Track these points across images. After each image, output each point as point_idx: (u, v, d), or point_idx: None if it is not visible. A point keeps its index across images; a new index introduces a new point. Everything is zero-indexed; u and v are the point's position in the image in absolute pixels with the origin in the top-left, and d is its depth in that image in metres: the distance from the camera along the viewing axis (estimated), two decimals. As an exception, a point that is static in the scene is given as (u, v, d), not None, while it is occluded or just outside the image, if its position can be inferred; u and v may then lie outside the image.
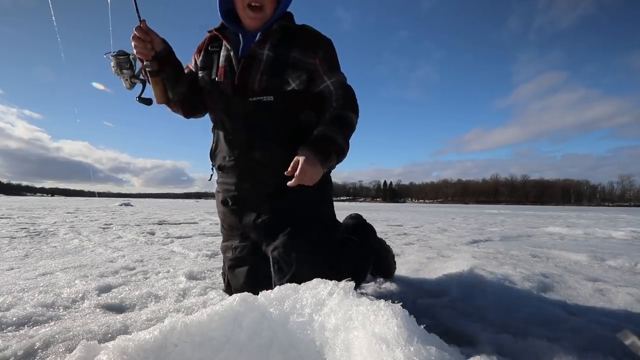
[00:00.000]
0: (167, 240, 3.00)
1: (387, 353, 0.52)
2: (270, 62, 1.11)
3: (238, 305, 0.69)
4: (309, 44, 1.13)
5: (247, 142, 1.13)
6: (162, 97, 1.18)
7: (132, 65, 1.11)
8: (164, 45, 1.13)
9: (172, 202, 34.58)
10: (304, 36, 1.14)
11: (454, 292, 1.33)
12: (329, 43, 1.18)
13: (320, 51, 1.13)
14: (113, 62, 1.10)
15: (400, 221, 6.43)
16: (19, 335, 0.86)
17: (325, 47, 1.15)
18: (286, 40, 1.13)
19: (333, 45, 1.19)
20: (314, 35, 1.16)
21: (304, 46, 1.12)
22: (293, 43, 1.12)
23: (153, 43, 1.09)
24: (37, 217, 5.49)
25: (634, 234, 4.22)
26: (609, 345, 0.86)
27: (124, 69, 1.10)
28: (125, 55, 1.10)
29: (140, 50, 1.07)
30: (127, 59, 1.10)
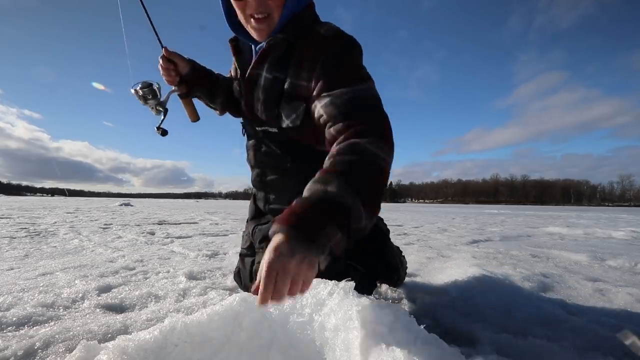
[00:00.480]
0: (167, 240, 3.00)
1: (387, 353, 0.52)
2: (268, 89, 0.94)
3: (238, 305, 0.69)
4: (305, 59, 0.85)
5: (260, 166, 1.12)
6: (193, 116, 1.19)
7: (156, 95, 1.13)
8: (189, 67, 1.13)
9: (172, 202, 34.60)
10: (303, 47, 0.87)
11: (454, 292, 1.33)
12: (339, 48, 0.85)
13: (319, 66, 0.83)
14: (136, 95, 1.12)
15: (400, 221, 6.43)
16: (19, 335, 0.86)
17: (331, 55, 0.83)
18: (286, 56, 0.90)
19: (348, 49, 0.85)
20: (316, 44, 0.85)
21: (299, 63, 0.87)
22: (290, 60, 0.89)
23: (178, 67, 1.11)
24: (37, 217, 5.48)
25: (634, 234, 4.22)
26: (609, 345, 0.86)
27: (148, 100, 1.12)
28: (148, 86, 1.11)
29: (166, 77, 1.10)
30: (150, 90, 1.11)
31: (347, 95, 0.78)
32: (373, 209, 0.66)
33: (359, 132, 0.73)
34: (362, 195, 0.62)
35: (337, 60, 0.83)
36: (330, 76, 0.81)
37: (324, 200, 0.60)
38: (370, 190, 0.65)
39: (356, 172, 0.66)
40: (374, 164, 0.69)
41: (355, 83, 0.79)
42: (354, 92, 0.78)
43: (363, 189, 0.64)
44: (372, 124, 0.74)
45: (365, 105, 0.78)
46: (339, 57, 0.83)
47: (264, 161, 1.09)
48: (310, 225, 0.56)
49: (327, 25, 0.89)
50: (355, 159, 0.68)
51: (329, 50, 0.84)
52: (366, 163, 0.68)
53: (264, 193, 1.13)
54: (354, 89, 0.78)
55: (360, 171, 0.66)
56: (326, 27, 0.89)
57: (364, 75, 0.83)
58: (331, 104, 0.79)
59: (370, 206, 0.64)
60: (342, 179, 0.63)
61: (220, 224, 4.91)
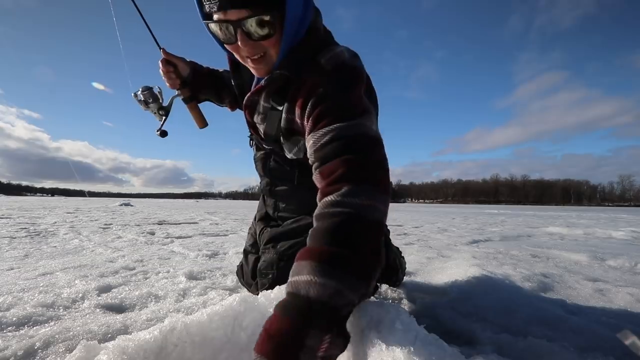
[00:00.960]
0: (167, 240, 3.00)
1: (387, 353, 0.52)
2: (267, 116, 0.90)
3: (238, 305, 0.69)
4: (300, 94, 0.78)
5: (269, 176, 1.11)
6: (201, 123, 1.18)
7: (157, 98, 1.12)
8: (189, 69, 1.11)
9: (172, 202, 34.60)
10: (300, 82, 0.79)
11: (454, 292, 1.33)
12: (335, 83, 0.75)
13: (310, 103, 0.75)
14: (137, 100, 1.11)
15: (400, 221, 6.43)
16: (19, 335, 0.86)
17: (323, 91, 0.74)
18: (285, 88, 0.84)
19: (345, 83, 0.76)
20: (312, 78, 0.77)
21: (293, 99, 0.81)
22: (287, 94, 0.83)
23: (178, 70, 1.09)
24: (37, 217, 5.48)
25: (634, 234, 4.22)
26: (609, 345, 0.86)
27: (149, 104, 1.11)
28: (148, 89, 1.11)
29: (167, 81, 1.08)
30: (150, 93, 1.11)
31: (330, 135, 0.70)
32: (366, 281, 0.59)
33: (339, 180, 0.66)
34: (347, 280, 0.55)
35: (328, 96, 0.74)
36: (317, 114, 0.74)
37: (303, 311, 0.53)
38: (358, 263, 0.58)
39: (338, 246, 0.58)
40: (359, 221, 0.61)
41: (344, 120, 0.71)
42: (339, 131, 0.70)
43: (350, 269, 0.56)
44: (356, 169, 0.66)
45: (350, 145, 0.68)
46: (331, 93, 0.75)
47: (273, 173, 1.08)
48: (289, 350, 0.50)
49: (331, 54, 0.80)
50: (336, 223, 0.61)
51: (323, 85, 0.75)
52: (348, 227, 0.60)
53: (274, 200, 1.13)
54: (340, 127, 0.70)
55: (343, 242, 0.58)
56: (329, 56, 0.79)
57: (357, 110, 0.73)
58: (314, 145, 0.73)
59: (362, 279, 0.58)
60: (323, 268, 0.55)
61: (220, 224, 4.91)
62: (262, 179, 1.16)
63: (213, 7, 0.71)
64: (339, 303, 0.54)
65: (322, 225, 0.63)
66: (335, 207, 0.63)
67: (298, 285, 0.56)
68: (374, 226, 0.62)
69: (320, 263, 0.56)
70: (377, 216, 0.63)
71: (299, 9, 0.76)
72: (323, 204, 0.65)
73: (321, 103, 0.74)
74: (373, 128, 0.74)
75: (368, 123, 0.73)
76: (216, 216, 7.05)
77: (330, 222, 0.62)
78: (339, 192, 0.64)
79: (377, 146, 0.72)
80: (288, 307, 0.54)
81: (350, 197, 0.63)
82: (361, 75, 0.80)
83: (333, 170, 0.68)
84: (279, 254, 0.99)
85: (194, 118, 1.17)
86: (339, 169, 0.67)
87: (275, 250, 1.01)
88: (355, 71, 0.79)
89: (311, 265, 0.56)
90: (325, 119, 0.72)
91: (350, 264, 0.57)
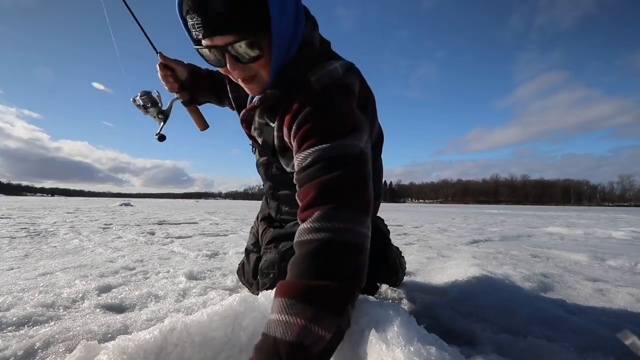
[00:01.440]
0: (167, 240, 3.00)
1: (387, 353, 0.52)
2: (262, 131, 0.91)
3: (238, 305, 0.69)
4: (288, 113, 0.77)
5: (271, 180, 1.11)
6: (201, 125, 1.17)
7: (156, 102, 1.12)
8: (187, 71, 1.11)
9: (172, 202, 34.61)
10: (289, 101, 0.77)
11: (454, 292, 1.33)
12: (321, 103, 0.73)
13: (296, 123, 0.74)
14: (135, 105, 1.11)
15: (400, 221, 6.43)
16: (19, 335, 0.86)
17: (309, 111, 0.72)
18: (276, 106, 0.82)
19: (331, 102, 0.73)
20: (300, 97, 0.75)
21: (282, 118, 0.79)
22: (278, 112, 0.81)
23: (176, 73, 1.09)
24: (37, 217, 5.48)
25: (634, 233, 4.22)
26: (609, 345, 0.86)
27: (148, 108, 1.11)
28: (146, 94, 1.10)
29: (165, 85, 1.08)
30: (149, 97, 1.10)
31: (311, 158, 0.69)
32: (338, 313, 0.56)
33: (311, 204, 0.66)
34: (317, 315, 0.54)
35: (313, 117, 0.72)
36: (301, 136, 0.72)
37: (271, 353, 0.53)
38: (329, 295, 0.57)
39: (310, 277, 0.58)
40: (331, 247, 0.60)
41: (326, 141, 0.69)
42: (320, 153, 0.68)
43: (320, 303, 0.55)
44: (327, 192, 0.65)
45: (326, 168, 0.67)
46: (316, 113, 0.72)
47: (275, 179, 1.08)
48: None
49: (323, 71, 0.77)
50: (308, 252, 0.61)
51: (309, 104, 0.73)
52: (319, 255, 0.60)
53: (277, 203, 1.14)
54: (321, 149, 0.68)
55: (315, 273, 0.58)
56: (320, 74, 0.76)
57: (342, 130, 0.70)
58: (297, 167, 0.72)
59: (334, 312, 0.56)
60: (291, 304, 0.55)
61: (220, 224, 4.91)
62: (264, 183, 1.16)
63: (199, 35, 0.70)
64: (307, 341, 0.52)
65: (297, 255, 0.64)
66: (307, 235, 0.63)
67: (269, 324, 0.56)
68: (347, 250, 0.61)
69: (289, 299, 0.56)
70: (351, 238, 0.62)
71: (288, 27, 0.74)
72: (298, 232, 0.66)
73: (305, 124, 0.72)
74: (358, 145, 0.71)
75: (354, 142, 0.70)
76: (216, 216, 7.05)
77: (303, 251, 0.62)
78: (311, 217, 0.64)
79: (355, 165, 0.68)
80: (261, 348, 0.55)
81: (322, 222, 0.62)
82: (351, 90, 0.77)
83: (306, 194, 0.68)
84: (280, 254, 1.00)
85: (194, 120, 1.17)
86: (310, 192, 0.67)
87: (277, 250, 1.01)
88: (345, 88, 0.76)
89: (281, 303, 0.56)
90: (308, 141, 0.71)
91: (321, 297, 0.56)
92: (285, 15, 0.71)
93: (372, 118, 0.88)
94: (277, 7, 0.68)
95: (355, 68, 0.84)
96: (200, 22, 0.67)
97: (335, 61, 0.80)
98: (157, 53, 1.08)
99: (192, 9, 0.66)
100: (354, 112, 0.75)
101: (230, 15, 0.66)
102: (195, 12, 0.66)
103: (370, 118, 0.86)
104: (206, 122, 1.18)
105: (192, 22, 0.68)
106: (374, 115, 0.91)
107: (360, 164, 0.70)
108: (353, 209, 0.65)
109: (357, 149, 0.71)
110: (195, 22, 0.67)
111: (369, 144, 0.78)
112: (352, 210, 0.65)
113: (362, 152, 0.72)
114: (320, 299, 0.56)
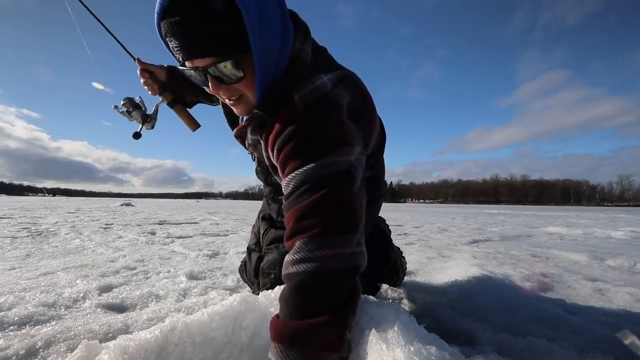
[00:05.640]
0: (168, 240, 3.00)
1: (387, 353, 0.52)
2: (255, 147, 0.90)
3: (239, 305, 0.69)
4: (269, 135, 0.74)
5: (271, 185, 1.11)
6: (192, 125, 1.16)
7: (138, 107, 1.12)
8: (165, 71, 1.10)
9: (172, 202, 34.61)
10: (272, 122, 0.74)
11: (454, 292, 1.34)
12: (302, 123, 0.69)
13: (276, 147, 0.72)
14: (118, 112, 1.12)
15: (400, 221, 6.43)
16: (21, 334, 0.86)
17: (289, 133, 0.69)
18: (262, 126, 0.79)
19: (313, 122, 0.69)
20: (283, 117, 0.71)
21: (266, 139, 0.76)
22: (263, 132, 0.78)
23: (155, 75, 1.09)
24: (38, 217, 5.49)
25: (633, 233, 4.22)
26: (608, 344, 0.86)
27: (131, 112, 1.12)
28: (128, 99, 1.11)
29: (147, 89, 1.08)
30: (131, 103, 1.11)
31: (293, 184, 0.67)
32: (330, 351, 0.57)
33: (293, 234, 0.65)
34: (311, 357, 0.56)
35: (293, 138, 0.69)
36: (283, 159, 0.70)
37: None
38: (317, 334, 0.57)
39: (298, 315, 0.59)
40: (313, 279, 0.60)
41: (308, 162, 0.66)
42: (301, 177, 0.66)
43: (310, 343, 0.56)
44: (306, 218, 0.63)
45: (306, 192, 0.65)
46: (297, 133, 0.69)
47: (274, 184, 1.09)
48: None
49: (309, 88, 0.72)
50: (293, 287, 0.61)
51: (291, 124, 0.70)
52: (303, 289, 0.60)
53: (277, 206, 1.14)
54: (302, 172, 0.66)
55: (302, 310, 0.59)
56: (305, 91, 0.72)
57: (326, 147, 0.67)
58: (284, 192, 0.70)
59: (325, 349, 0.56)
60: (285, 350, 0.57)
61: (220, 224, 4.91)
62: (266, 187, 1.16)
63: (179, 58, 0.69)
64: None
65: (285, 288, 0.63)
66: (291, 267, 0.63)
67: None
68: (335, 278, 0.60)
69: (284, 345, 0.57)
70: (337, 265, 0.60)
71: (274, 42, 0.70)
72: (284, 264, 0.65)
73: (286, 146, 0.69)
74: (347, 160, 0.68)
75: (341, 157, 0.67)
76: (217, 216, 7.06)
77: (290, 286, 0.62)
78: (293, 248, 0.64)
79: (341, 183, 0.66)
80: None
81: (303, 253, 0.62)
82: (337, 104, 0.73)
83: (288, 222, 0.67)
84: (282, 255, 1.00)
85: (184, 121, 1.17)
86: (291, 220, 0.66)
87: (279, 251, 1.01)
88: (331, 102, 0.72)
89: (278, 350, 0.58)
90: (290, 164, 0.68)
91: (315, 337, 0.57)
92: (268, 30, 0.68)
93: (368, 126, 0.85)
94: (256, 25, 0.64)
95: (348, 78, 0.80)
96: (178, 45, 0.65)
97: (325, 74, 0.75)
98: (135, 59, 1.08)
99: (170, 32, 0.65)
100: (343, 126, 0.71)
101: (208, 37, 0.64)
102: (173, 36, 0.65)
103: (365, 127, 0.82)
104: (196, 122, 1.18)
105: (172, 45, 0.67)
106: (371, 122, 0.87)
107: (347, 180, 0.67)
108: (338, 231, 0.63)
109: (344, 164, 0.67)
110: (174, 45, 0.66)
111: (364, 155, 0.76)
112: (337, 233, 0.62)
113: (351, 167, 0.69)
114: (315, 339, 0.56)
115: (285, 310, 0.61)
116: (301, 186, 0.66)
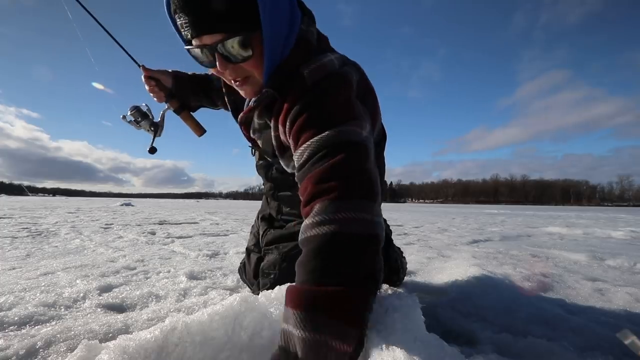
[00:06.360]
0: (168, 240, 3.00)
1: (387, 353, 0.52)
2: (262, 133, 0.90)
3: (239, 305, 0.69)
4: (282, 111, 0.73)
5: (271, 181, 1.11)
6: (198, 131, 1.18)
7: (146, 115, 1.12)
8: (171, 77, 1.10)
9: (172, 202, 34.61)
10: (282, 99, 0.74)
11: (454, 292, 1.34)
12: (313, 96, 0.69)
13: (288, 120, 0.71)
14: (126, 121, 1.12)
15: (400, 221, 6.43)
16: (21, 334, 0.86)
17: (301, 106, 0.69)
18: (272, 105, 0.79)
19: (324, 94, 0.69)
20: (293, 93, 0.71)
21: (277, 117, 0.75)
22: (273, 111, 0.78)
23: (161, 82, 1.08)
24: (38, 217, 5.49)
25: (633, 233, 4.22)
26: (608, 344, 0.86)
27: (139, 122, 1.12)
28: (135, 108, 1.11)
29: (153, 96, 1.08)
30: (138, 112, 1.11)
31: (308, 151, 0.65)
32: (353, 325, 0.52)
33: (311, 198, 0.62)
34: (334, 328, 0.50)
35: (306, 109, 0.68)
36: (296, 130, 0.69)
37: None
38: (342, 303, 0.52)
39: (320, 280, 0.54)
40: (336, 242, 0.56)
41: (322, 130, 0.65)
42: (316, 143, 0.65)
43: (335, 313, 0.51)
44: (326, 181, 0.61)
45: (324, 157, 0.63)
46: (310, 104, 0.69)
47: (275, 180, 1.09)
48: None
49: (317, 64, 0.73)
50: (314, 250, 0.57)
51: (302, 98, 0.69)
52: (326, 252, 0.56)
53: (277, 204, 1.14)
54: (317, 140, 0.65)
55: (324, 274, 0.54)
56: (313, 67, 0.72)
57: (338, 117, 0.66)
58: (296, 164, 0.69)
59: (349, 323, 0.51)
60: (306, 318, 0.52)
61: (220, 224, 4.91)
62: (265, 184, 1.16)
63: (187, 35, 0.67)
64: (328, 357, 0.50)
65: (303, 252, 0.60)
66: (310, 230, 0.59)
67: (287, 337, 0.54)
68: (357, 242, 0.56)
69: (302, 312, 0.52)
70: (359, 229, 0.57)
71: (282, 25, 0.70)
72: (302, 228, 0.62)
73: (299, 117, 0.68)
74: (361, 133, 0.67)
75: (355, 128, 0.66)
76: (217, 216, 7.06)
77: (308, 249, 0.58)
78: (312, 212, 0.60)
79: (357, 151, 0.64)
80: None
81: (323, 215, 0.58)
82: (347, 80, 0.73)
83: (305, 189, 0.64)
84: (281, 255, 1.00)
85: (190, 127, 1.17)
86: (309, 186, 0.63)
87: (279, 251, 1.01)
88: (341, 78, 0.72)
89: (295, 316, 0.53)
90: (304, 134, 0.67)
91: (334, 306, 0.52)
92: (277, 11, 0.68)
93: (373, 112, 0.84)
94: (268, 3, 0.66)
95: (353, 62, 0.81)
96: (188, 21, 0.65)
97: (331, 54, 0.77)
98: (140, 66, 1.08)
99: (179, 8, 0.65)
100: (353, 101, 0.71)
101: (218, 13, 0.63)
102: (182, 12, 0.65)
103: (371, 112, 0.80)
104: (202, 127, 1.18)
105: (181, 22, 0.67)
106: (375, 110, 0.86)
107: (364, 150, 0.65)
108: (360, 196, 0.60)
109: (359, 136, 0.66)
110: (183, 21, 0.66)
111: (372, 137, 0.75)
112: (357, 198, 0.59)
113: (366, 139, 0.68)
114: (335, 308, 0.52)
115: (303, 274, 0.56)
116: (318, 152, 0.64)
